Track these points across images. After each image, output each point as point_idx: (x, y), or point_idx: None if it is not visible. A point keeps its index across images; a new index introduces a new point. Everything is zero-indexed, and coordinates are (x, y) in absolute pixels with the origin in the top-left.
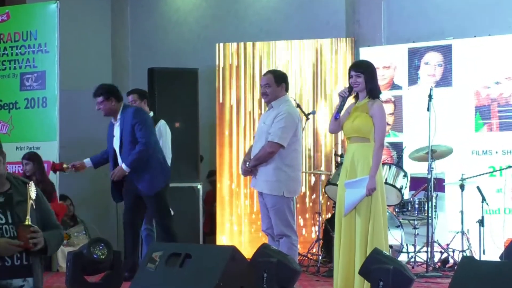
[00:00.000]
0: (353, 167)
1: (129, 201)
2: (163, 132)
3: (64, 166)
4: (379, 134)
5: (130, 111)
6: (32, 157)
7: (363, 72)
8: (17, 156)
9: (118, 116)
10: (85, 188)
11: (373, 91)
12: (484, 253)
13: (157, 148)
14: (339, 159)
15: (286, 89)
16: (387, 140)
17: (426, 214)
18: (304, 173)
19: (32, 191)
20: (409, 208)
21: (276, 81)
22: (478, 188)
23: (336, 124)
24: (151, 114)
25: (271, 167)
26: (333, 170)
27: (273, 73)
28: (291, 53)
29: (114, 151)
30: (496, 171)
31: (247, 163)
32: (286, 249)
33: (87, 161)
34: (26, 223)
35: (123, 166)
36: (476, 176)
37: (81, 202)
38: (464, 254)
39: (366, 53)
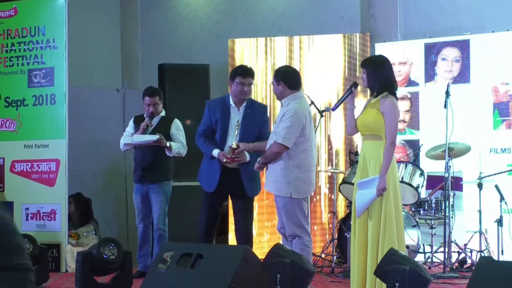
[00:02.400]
0: (365, 166)
1: (220, 198)
2: (181, 128)
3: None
4: (389, 132)
5: (262, 106)
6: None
7: (364, 66)
8: (26, 154)
9: (244, 104)
10: (95, 187)
11: (372, 87)
12: (502, 253)
13: None
14: (353, 157)
15: (294, 87)
16: (403, 137)
17: (443, 214)
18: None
19: None
20: (426, 208)
21: (276, 80)
22: (496, 186)
23: (352, 125)
24: (163, 113)
25: (279, 167)
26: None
27: (275, 72)
28: (304, 49)
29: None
30: None
31: (259, 159)
32: (299, 250)
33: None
34: None
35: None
36: (495, 174)
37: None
38: (482, 254)
39: (381, 49)
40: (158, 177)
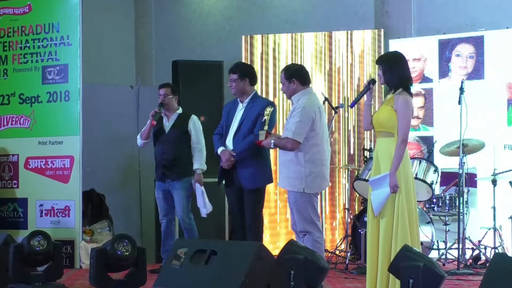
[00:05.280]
0: (377, 163)
1: (233, 192)
2: (198, 126)
3: None
4: (401, 129)
5: (263, 102)
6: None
7: (380, 64)
8: (40, 151)
9: (247, 100)
10: (110, 184)
11: (390, 83)
12: None
13: None
14: (367, 153)
15: (304, 83)
16: (417, 134)
17: (457, 210)
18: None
19: None
20: (440, 204)
21: (287, 78)
22: (510, 183)
23: (368, 120)
24: (180, 110)
25: (292, 163)
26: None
27: (284, 71)
28: (318, 45)
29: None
30: None
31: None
32: (310, 246)
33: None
34: None
35: (233, 152)
36: (509, 171)
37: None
38: (496, 251)
39: (395, 45)
40: (179, 174)
